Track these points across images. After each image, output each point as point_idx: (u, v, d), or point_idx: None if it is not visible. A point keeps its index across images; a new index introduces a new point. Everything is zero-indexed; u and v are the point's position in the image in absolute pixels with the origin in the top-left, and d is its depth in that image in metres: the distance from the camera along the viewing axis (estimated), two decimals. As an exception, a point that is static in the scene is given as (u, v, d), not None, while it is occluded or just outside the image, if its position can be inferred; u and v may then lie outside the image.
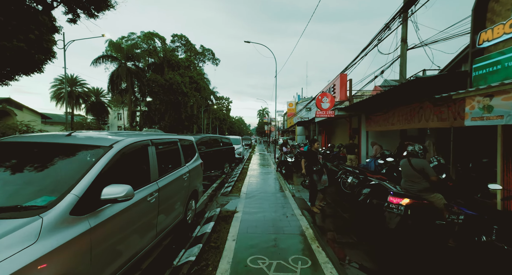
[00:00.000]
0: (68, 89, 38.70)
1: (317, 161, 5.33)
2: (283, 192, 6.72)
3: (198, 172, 4.64)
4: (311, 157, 5.36)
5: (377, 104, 8.04)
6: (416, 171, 3.61)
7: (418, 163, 3.64)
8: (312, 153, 5.39)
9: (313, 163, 5.30)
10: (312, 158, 5.34)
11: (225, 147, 10.55)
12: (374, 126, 8.67)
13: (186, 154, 4.26)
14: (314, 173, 5.21)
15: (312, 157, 5.35)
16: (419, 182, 3.60)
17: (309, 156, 5.39)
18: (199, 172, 4.71)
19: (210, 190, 7.26)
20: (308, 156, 5.42)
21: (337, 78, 10.64)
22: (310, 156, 5.37)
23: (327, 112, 9.88)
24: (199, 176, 4.67)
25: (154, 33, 31.67)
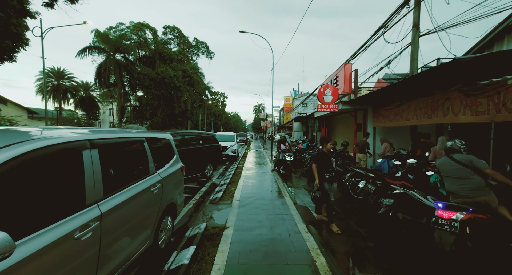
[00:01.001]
0: (55, 83, 37.14)
1: (330, 166, 4.35)
2: (282, 198, 5.77)
3: (177, 179, 3.64)
4: (323, 161, 4.32)
5: (389, 96, 7.12)
6: (465, 166, 2.90)
7: (464, 158, 2.95)
8: (324, 156, 4.36)
9: (325, 169, 4.29)
10: (324, 163, 4.31)
11: (207, 145, 8.80)
12: (383, 122, 7.76)
13: (159, 158, 3.26)
14: (326, 181, 4.22)
15: (324, 161, 4.32)
16: (470, 179, 2.87)
17: (320, 160, 4.34)
18: (178, 179, 3.72)
19: (197, 195, 6.27)
20: (319, 160, 4.35)
21: (340, 68, 9.66)
22: (321, 159, 4.33)
23: (330, 105, 8.93)
24: (178, 185, 3.68)
25: (145, 24, 30.14)
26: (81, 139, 1.89)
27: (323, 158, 4.36)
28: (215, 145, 9.52)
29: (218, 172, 10.15)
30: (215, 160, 9.43)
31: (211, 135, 9.67)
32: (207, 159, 8.60)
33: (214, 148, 9.40)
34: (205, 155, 8.44)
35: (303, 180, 8.29)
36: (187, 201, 5.66)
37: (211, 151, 9.01)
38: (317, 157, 4.46)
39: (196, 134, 8.71)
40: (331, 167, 4.39)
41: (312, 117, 16.84)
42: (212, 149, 9.22)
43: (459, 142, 3.02)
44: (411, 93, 6.05)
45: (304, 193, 6.42)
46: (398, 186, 3.80)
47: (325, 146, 4.46)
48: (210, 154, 8.90)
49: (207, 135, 9.42)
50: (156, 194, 2.87)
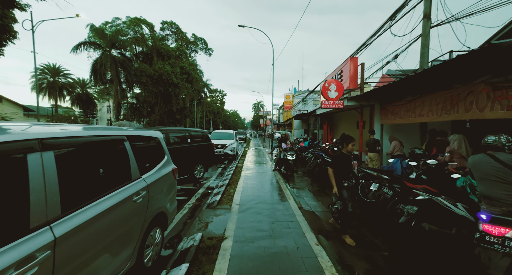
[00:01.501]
0: (51, 80, 36.46)
1: (351, 171, 3.69)
2: (286, 202, 5.29)
3: (168, 184, 3.15)
4: (342, 166, 3.60)
5: (399, 91, 6.63)
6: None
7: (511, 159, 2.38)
8: (343, 160, 3.62)
9: (344, 175, 3.59)
10: (343, 167, 3.60)
11: (196, 144, 8.00)
12: (392, 118, 7.27)
13: (145, 160, 2.77)
14: (345, 189, 3.58)
15: (344, 166, 3.60)
16: None
17: (339, 163, 3.62)
18: (170, 183, 3.22)
19: (194, 198, 5.78)
20: (337, 163, 3.63)
21: (346, 62, 9.15)
22: (340, 163, 3.62)
23: (335, 102, 8.43)
24: (169, 190, 3.19)
25: (142, 19, 29.43)
26: (26, 138, 1.39)
27: (343, 161, 3.61)
28: (206, 144, 8.63)
29: (217, 172, 9.67)
30: (207, 161, 8.55)
31: (201, 133, 8.79)
32: (197, 159, 7.82)
33: (205, 147, 8.52)
34: (194, 155, 7.68)
35: (306, 180, 7.82)
36: (182, 205, 5.18)
37: (201, 150, 8.19)
38: (335, 160, 3.69)
39: (183, 131, 7.90)
40: (353, 174, 3.72)
41: (314, 114, 16.34)
42: (203, 148, 8.37)
43: (504, 139, 2.45)
44: (426, 87, 5.56)
45: (309, 196, 5.95)
46: (422, 192, 3.32)
47: (345, 147, 3.67)
48: (200, 153, 8.09)
49: (197, 133, 8.54)
50: (140, 204, 2.38)
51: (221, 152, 12.41)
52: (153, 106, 31.67)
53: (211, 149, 8.97)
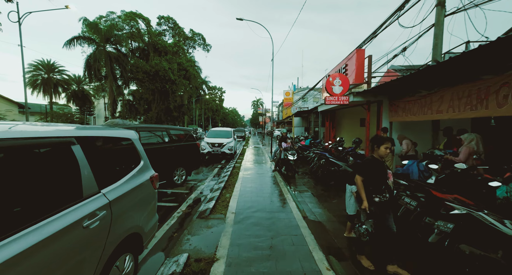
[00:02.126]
0: (45, 76, 35.67)
1: (385, 182, 2.80)
2: (288, 209, 4.69)
3: (144, 196, 2.54)
4: (374, 174, 2.76)
5: (411, 85, 6.01)
6: None
7: None
8: (375, 166, 2.78)
9: (375, 187, 2.74)
10: (375, 177, 2.76)
11: (176, 144, 6.85)
12: (403, 115, 6.65)
13: (111, 168, 2.16)
14: (376, 206, 2.72)
15: (376, 174, 2.76)
16: None
17: (370, 171, 2.77)
18: (146, 195, 2.60)
19: (185, 205, 5.17)
20: (367, 170, 2.79)
21: (351, 55, 8.50)
22: (372, 171, 2.77)
23: (340, 97, 7.80)
24: (146, 204, 2.57)
25: (137, 14, 28.58)
26: None
27: (375, 169, 2.75)
28: (189, 144, 7.44)
29: (213, 172, 9.06)
30: (190, 163, 7.39)
31: (184, 132, 7.62)
32: (176, 161, 6.77)
33: (187, 147, 7.34)
34: (172, 157, 6.61)
35: (309, 182, 7.21)
36: (170, 214, 4.57)
37: (183, 151, 7.08)
38: (365, 166, 2.81)
39: (160, 129, 6.70)
40: (388, 186, 2.81)
41: (315, 111, 15.72)
42: (185, 149, 7.23)
43: None
44: (445, 80, 4.94)
45: (313, 201, 5.34)
46: (457, 204, 2.71)
47: (376, 150, 2.83)
48: (182, 155, 7.01)
49: (178, 131, 7.37)
50: (96, 229, 1.76)
51: (218, 151, 11.79)
52: (150, 103, 30.97)
53: (195, 150, 7.75)
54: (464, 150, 4.55)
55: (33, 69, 34.87)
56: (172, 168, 6.55)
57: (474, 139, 5.00)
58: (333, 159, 7.28)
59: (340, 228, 3.84)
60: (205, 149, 11.75)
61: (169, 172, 6.46)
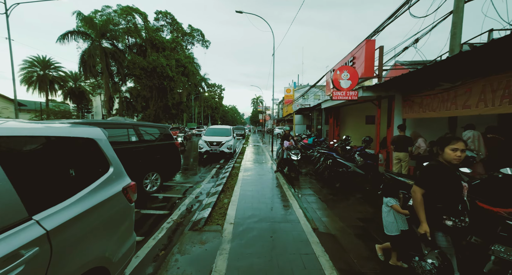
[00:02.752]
0: (41, 73, 34.94)
1: (460, 198, 2.03)
2: (295, 218, 4.08)
3: (113, 214, 1.92)
4: (444, 187, 2.02)
5: (431, 77, 5.38)
6: None
7: None
8: (444, 175, 2.02)
9: (447, 205, 2.00)
10: (446, 190, 2.02)
11: (146, 144, 5.58)
12: (420, 111, 6.03)
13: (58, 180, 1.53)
14: (444, 231, 2.02)
15: (448, 187, 2.02)
16: None
17: (437, 181, 2.03)
18: (117, 212, 1.99)
19: (176, 213, 4.55)
20: (433, 181, 2.04)
21: (360, 46, 7.85)
22: (439, 182, 2.02)
23: (348, 92, 7.17)
24: (116, 224, 1.95)
25: (134, 8, 27.83)
26: None
27: (445, 178, 2.00)
28: (164, 144, 6.15)
29: (211, 173, 8.44)
30: (166, 167, 6.11)
31: (158, 129, 6.19)
32: (147, 165, 5.53)
33: (162, 148, 6.05)
34: (141, 160, 5.35)
35: (315, 185, 6.61)
36: (159, 224, 3.96)
37: (156, 153, 5.81)
38: (428, 174, 2.05)
39: (125, 126, 5.29)
40: (462, 203, 2.03)
41: (318, 108, 15.09)
42: (159, 150, 5.93)
43: None
44: (475, 70, 4.32)
45: (321, 207, 4.74)
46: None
47: (441, 154, 2.06)
48: (155, 157, 5.77)
49: (150, 128, 5.96)
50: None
51: (216, 150, 11.17)
52: (147, 100, 30.30)
53: (173, 151, 6.39)
54: None
55: (28, 66, 34.09)
56: (141, 173, 5.33)
57: (471, 137, 4.51)
58: (342, 159, 6.67)
59: (358, 244, 3.24)
60: (203, 148, 11.13)
61: (137, 178, 5.15)
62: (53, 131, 1.60)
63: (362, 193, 5.79)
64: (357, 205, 4.89)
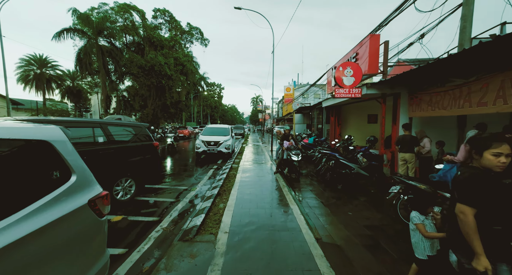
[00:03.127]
0: (37, 71, 34.52)
1: None
2: (296, 226, 3.73)
3: (75, 232, 1.56)
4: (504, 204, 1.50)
5: (441, 73, 5.03)
6: None
7: None
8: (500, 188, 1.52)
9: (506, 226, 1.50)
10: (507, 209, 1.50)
11: (117, 145, 4.75)
12: (428, 110, 5.67)
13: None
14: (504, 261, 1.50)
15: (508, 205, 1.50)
16: None
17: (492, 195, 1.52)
18: (81, 230, 1.63)
19: (167, 219, 4.19)
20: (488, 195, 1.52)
21: (364, 41, 7.47)
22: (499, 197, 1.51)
23: (351, 90, 6.81)
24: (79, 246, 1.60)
25: (131, 5, 27.39)
26: None
27: (496, 191, 1.53)
28: (141, 146, 5.33)
29: (208, 174, 8.09)
30: (142, 172, 5.32)
31: (134, 128, 5.36)
32: (119, 170, 4.76)
33: (138, 150, 5.26)
34: (111, 164, 4.60)
35: (316, 187, 6.26)
36: (147, 233, 3.60)
37: (130, 155, 5.05)
38: (476, 187, 1.55)
39: (91, 124, 4.47)
40: None
41: (318, 107, 14.73)
42: (134, 152, 5.16)
43: None
44: (492, 64, 3.96)
45: (324, 212, 4.39)
46: None
47: (477, 160, 1.62)
48: (129, 161, 5.00)
49: (123, 127, 5.13)
50: None
51: (214, 150, 10.81)
52: (146, 99, 29.89)
53: (151, 154, 5.54)
54: (461, 148, 3.99)
55: (25, 64, 33.68)
56: (110, 179, 4.58)
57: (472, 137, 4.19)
58: (345, 160, 6.32)
59: (367, 257, 2.89)
60: (200, 148, 10.77)
61: (105, 185, 4.04)
62: None
63: (367, 197, 5.44)
64: (363, 210, 4.54)
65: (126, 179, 4.93)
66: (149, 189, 5.93)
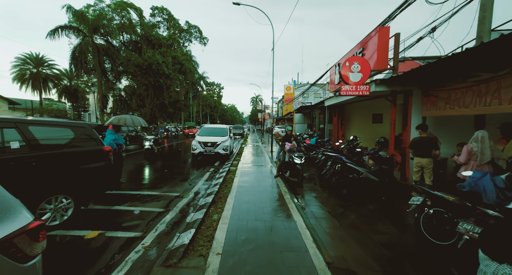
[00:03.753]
0: (34, 70, 33.96)
1: None
2: (302, 245, 3.17)
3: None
4: None
5: (466, 66, 4.47)
6: None
7: None
8: None
9: None
10: None
11: (43, 152, 3.54)
12: (446, 108, 5.11)
13: None
14: None
15: None
16: None
17: None
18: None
19: (152, 236, 3.63)
20: None
21: (373, 34, 6.90)
22: None
23: (359, 87, 6.25)
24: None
25: (128, 3, 26.81)
26: None
27: None
28: (83, 151, 4.03)
29: (203, 178, 7.53)
30: (84, 186, 4.03)
31: (72, 128, 4.03)
32: (47, 185, 3.59)
33: (78, 157, 3.96)
34: (30, 178, 3.41)
35: (321, 194, 5.70)
36: (126, 254, 3.03)
37: (65, 164, 3.80)
38: None
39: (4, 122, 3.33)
40: None
41: (320, 106, 14.17)
42: (72, 159, 3.88)
43: None
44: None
45: (332, 225, 3.83)
46: None
47: None
48: (62, 172, 3.76)
49: (55, 127, 3.91)
50: None
51: (211, 151, 10.25)
52: (143, 98, 29.31)
53: (99, 161, 4.21)
54: (464, 149, 4.00)
55: (21, 63, 33.13)
56: (34, 198, 3.41)
57: (475, 138, 3.89)
58: (352, 164, 5.76)
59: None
60: (196, 149, 10.22)
61: (32, 204, 3.37)
62: None
63: (378, 205, 4.89)
64: (377, 223, 3.98)
65: (58, 197, 3.71)
66: (135, 197, 5.37)
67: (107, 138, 6.26)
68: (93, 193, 4.33)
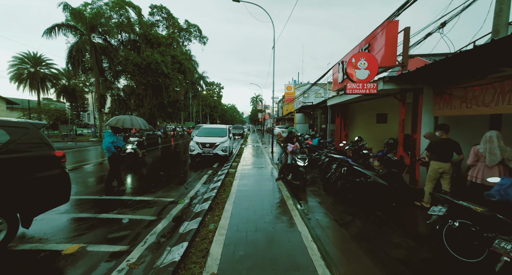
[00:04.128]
0: (31, 70, 33.60)
1: None
2: (308, 264, 2.79)
3: None
4: None
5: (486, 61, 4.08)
6: None
7: None
8: None
9: None
10: None
11: None
12: (462, 107, 4.72)
13: None
14: None
15: None
16: None
17: None
18: None
19: (139, 250, 3.24)
20: None
21: (381, 29, 6.51)
22: None
23: (366, 85, 5.87)
24: None
25: (127, 1, 26.42)
26: None
27: None
28: (23, 158, 3.12)
29: (201, 181, 7.15)
30: (23, 203, 3.10)
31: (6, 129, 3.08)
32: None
33: (15, 166, 3.03)
34: None
35: (326, 199, 5.31)
36: (111, 269, 2.65)
37: None
38: None
39: None
40: None
41: (322, 106, 13.78)
42: (7, 169, 2.93)
43: None
44: None
45: (340, 235, 3.45)
46: None
47: None
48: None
49: None
50: None
51: (209, 152, 9.87)
52: (142, 98, 28.93)
53: (45, 170, 3.35)
54: (471, 150, 3.89)
55: (18, 62, 32.75)
56: None
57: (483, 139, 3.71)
58: (360, 167, 5.37)
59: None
60: (194, 151, 9.83)
61: None
62: None
63: (389, 212, 4.50)
64: (390, 234, 3.59)
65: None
66: (126, 203, 4.99)
67: (105, 141, 5.81)
68: (38, 210, 3.32)
